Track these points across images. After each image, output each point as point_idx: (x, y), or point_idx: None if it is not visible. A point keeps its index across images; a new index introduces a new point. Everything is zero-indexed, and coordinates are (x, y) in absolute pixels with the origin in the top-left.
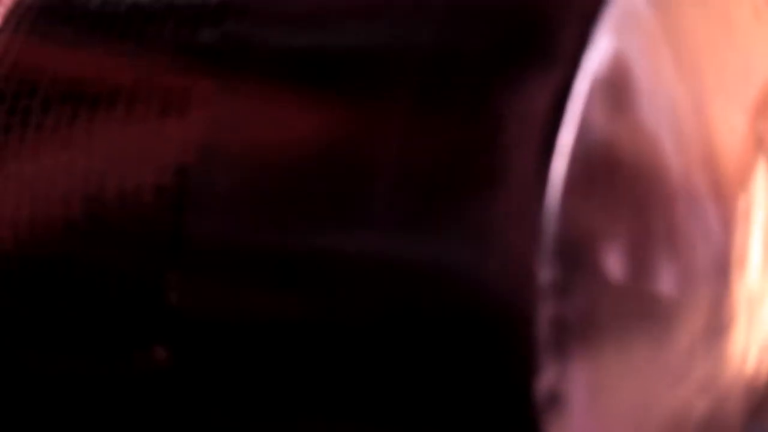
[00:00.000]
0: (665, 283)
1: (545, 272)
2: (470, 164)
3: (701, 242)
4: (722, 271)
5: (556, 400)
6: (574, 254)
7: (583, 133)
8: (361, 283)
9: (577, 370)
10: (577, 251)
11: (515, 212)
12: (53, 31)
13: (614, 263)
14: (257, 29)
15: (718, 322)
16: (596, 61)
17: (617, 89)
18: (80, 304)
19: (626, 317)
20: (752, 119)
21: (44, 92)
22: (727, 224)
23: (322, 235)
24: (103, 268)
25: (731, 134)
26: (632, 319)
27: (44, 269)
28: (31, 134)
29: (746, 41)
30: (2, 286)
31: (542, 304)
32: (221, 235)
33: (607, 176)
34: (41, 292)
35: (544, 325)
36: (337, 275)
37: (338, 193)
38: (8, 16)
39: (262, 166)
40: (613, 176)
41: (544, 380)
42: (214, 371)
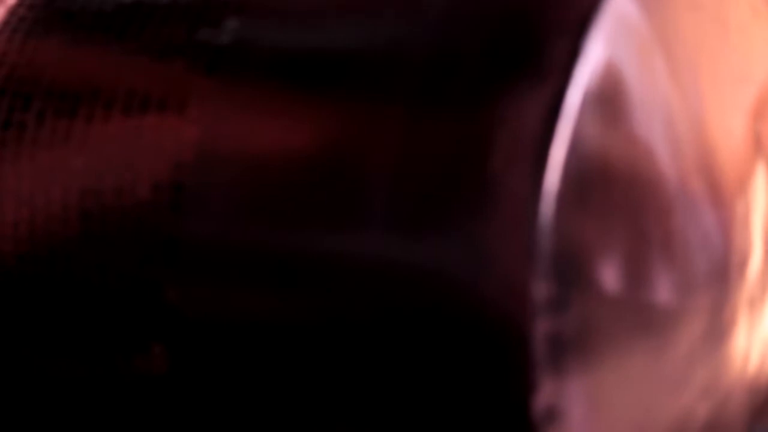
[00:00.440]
0: (662, 292)
1: (540, 289)
2: (464, 176)
3: (699, 248)
4: (722, 275)
5: (554, 416)
6: (569, 269)
7: (575, 147)
8: (356, 285)
9: (574, 384)
10: (572, 266)
11: (509, 229)
12: (52, 31)
13: (610, 276)
14: (255, 29)
15: (718, 326)
16: (588, 73)
17: (610, 101)
18: (78, 303)
19: (623, 329)
20: (751, 121)
21: (43, 93)
22: (725, 228)
23: (318, 236)
24: (100, 267)
25: (730, 137)
26: (629, 330)
27: (42, 269)
28: (29, 134)
29: (744, 42)
30: (1, 286)
31: (538, 321)
32: (218, 234)
33: (601, 189)
34: (39, 292)
35: (540, 342)
36: (332, 277)
37: (334, 194)
38: (8, 16)
39: (258, 166)
40: (607, 189)
41: (541, 397)
42: (211, 370)
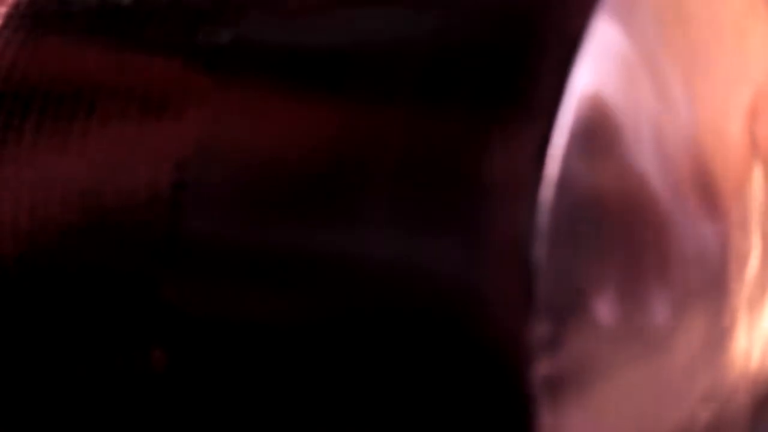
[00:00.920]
0: (659, 313)
1: (537, 331)
2: (463, 180)
3: (695, 261)
4: (719, 282)
5: None
6: (565, 308)
7: (565, 187)
8: (355, 285)
9: (573, 417)
10: (567, 304)
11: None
12: (51, 31)
13: (606, 308)
14: (254, 28)
15: (718, 332)
16: (575, 110)
17: (598, 134)
18: (77, 303)
19: (620, 354)
20: (747, 123)
21: (42, 93)
22: (722, 236)
23: (318, 234)
24: (99, 267)
25: (726, 141)
26: (627, 354)
27: (42, 269)
28: (29, 135)
29: (740, 44)
30: (1, 287)
31: (535, 363)
32: (217, 233)
33: (593, 224)
34: (39, 292)
35: (538, 383)
36: (332, 276)
37: (334, 193)
38: (7, 16)
39: (258, 164)
40: (599, 223)
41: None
42: (209, 369)
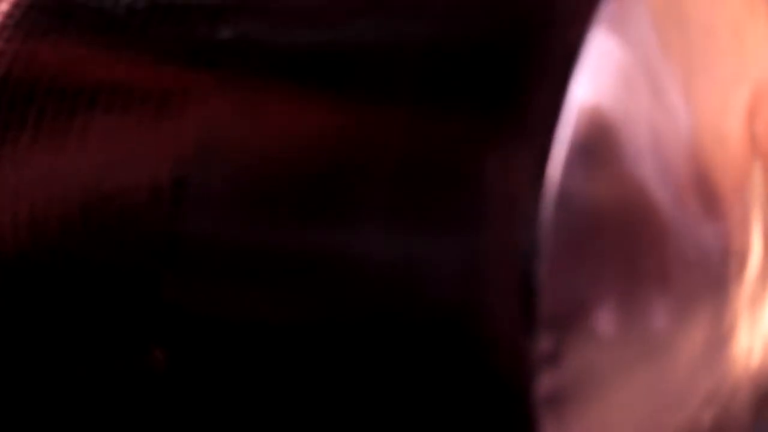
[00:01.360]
0: (659, 320)
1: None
2: (463, 181)
3: (696, 265)
4: (720, 282)
5: None
6: (565, 323)
7: (564, 201)
8: (354, 283)
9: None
10: (568, 319)
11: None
12: (52, 29)
13: (607, 320)
14: (254, 26)
15: (719, 332)
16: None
17: (596, 147)
18: (78, 301)
19: (622, 363)
20: (747, 122)
21: (42, 91)
22: (723, 237)
23: (317, 233)
24: (99, 265)
25: (726, 140)
26: (628, 362)
27: (42, 268)
28: (28, 134)
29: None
30: (2, 285)
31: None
32: (217, 232)
33: (593, 237)
34: (40, 289)
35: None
36: (331, 274)
37: (334, 191)
38: (7, 15)
39: (258, 163)
40: (599, 235)
41: None
42: (210, 368)
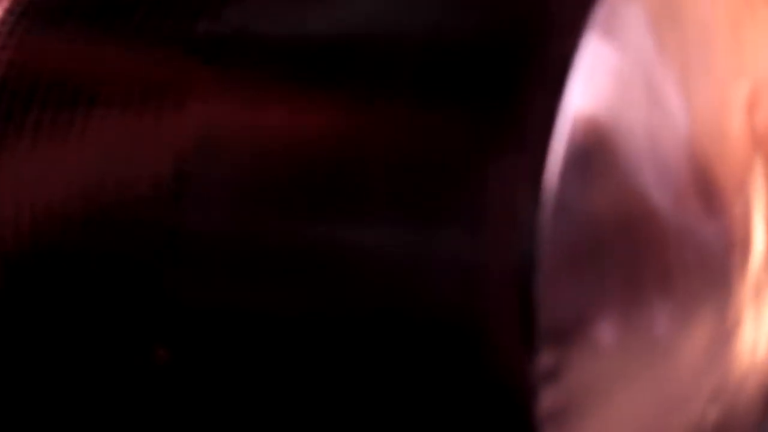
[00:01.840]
0: (661, 324)
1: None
2: (463, 175)
3: (697, 265)
4: (723, 280)
5: None
6: (566, 336)
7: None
8: (355, 277)
9: None
10: (569, 333)
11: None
12: (52, 25)
13: (608, 331)
14: (254, 20)
15: (723, 329)
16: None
17: (593, 156)
18: (79, 297)
19: (624, 370)
20: (747, 115)
21: (43, 89)
22: (725, 234)
23: (318, 227)
24: (101, 261)
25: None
26: (630, 369)
27: (43, 264)
28: (30, 129)
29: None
30: (2, 284)
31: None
32: (219, 227)
33: (592, 247)
34: (40, 287)
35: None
36: (332, 268)
37: (334, 185)
38: (8, 11)
39: (258, 157)
40: (598, 245)
41: None
42: (211, 364)
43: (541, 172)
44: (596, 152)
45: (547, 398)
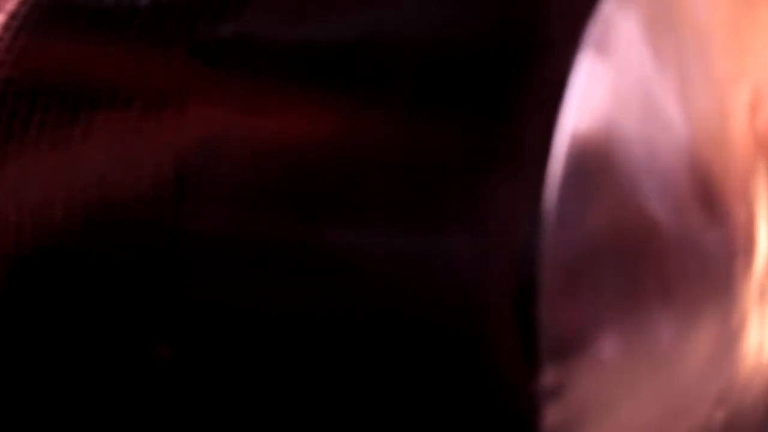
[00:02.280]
0: (664, 335)
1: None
2: (463, 176)
3: (700, 273)
4: (726, 285)
5: None
6: (568, 355)
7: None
8: (356, 277)
9: None
10: (571, 351)
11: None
12: (55, 31)
13: (610, 346)
14: (255, 23)
15: (728, 332)
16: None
17: (591, 175)
18: (81, 297)
19: (627, 383)
20: (749, 118)
21: (46, 90)
22: (727, 238)
23: (319, 228)
24: (103, 262)
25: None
26: (633, 381)
27: (46, 264)
28: (33, 131)
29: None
30: (4, 285)
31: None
32: (220, 228)
33: (592, 265)
34: (43, 289)
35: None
36: (333, 269)
37: (336, 187)
38: (11, 17)
39: (259, 159)
40: (599, 262)
41: None
42: (213, 363)
43: (539, 193)
44: (594, 170)
45: (550, 416)
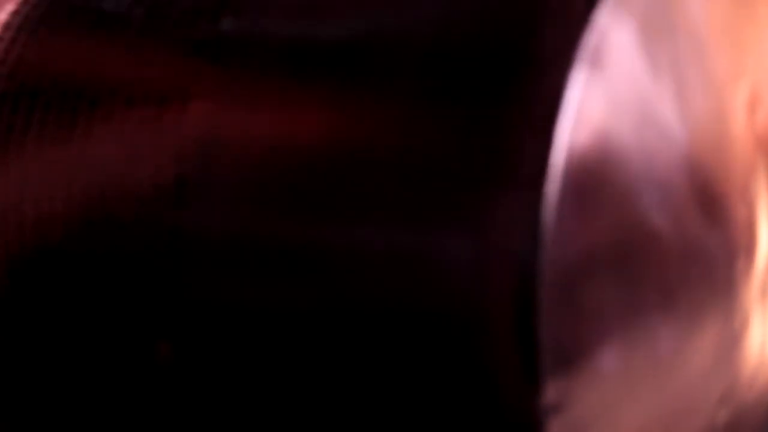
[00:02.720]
0: (665, 342)
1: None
2: (464, 176)
3: (700, 278)
4: (728, 287)
5: None
6: (570, 371)
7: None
8: (358, 276)
9: None
10: (572, 366)
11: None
12: (55, 30)
13: (611, 358)
14: (255, 23)
15: (730, 333)
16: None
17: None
18: (82, 297)
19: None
20: (748, 117)
21: (47, 89)
22: (728, 240)
23: (320, 227)
24: (104, 261)
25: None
26: (636, 388)
27: (47, 264)
28: (34, 130)
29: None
30: (5, 284)
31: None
32: (221, 226)
33: (592, 279)
34: (44, 288)
35: None
36: (335, 268)
37: (336, 186)
38: (11, 16)
39: (260, 159)
40: (598, 277)
41: None
42: (215, 362)
43: (538, 208)
44: (592, 183)
45: (553, 430)
